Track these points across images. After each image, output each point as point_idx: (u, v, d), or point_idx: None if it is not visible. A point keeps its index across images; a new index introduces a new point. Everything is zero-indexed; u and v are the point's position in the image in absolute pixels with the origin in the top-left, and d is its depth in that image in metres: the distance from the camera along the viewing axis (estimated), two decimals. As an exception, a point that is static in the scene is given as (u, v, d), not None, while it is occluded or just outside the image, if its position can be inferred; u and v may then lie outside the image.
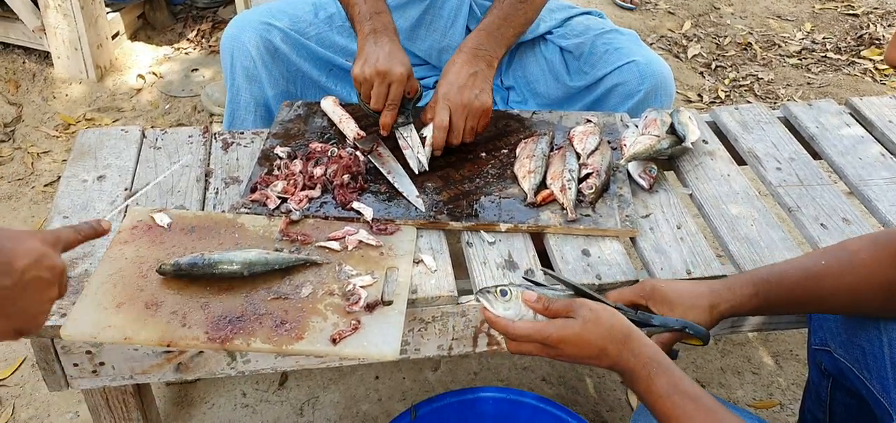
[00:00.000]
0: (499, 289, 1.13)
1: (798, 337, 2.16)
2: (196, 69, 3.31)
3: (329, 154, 1.57)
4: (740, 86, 3.42)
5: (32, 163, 2.79)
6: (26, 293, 0.82)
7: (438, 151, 1.61)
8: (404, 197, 1.51)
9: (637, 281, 1.32)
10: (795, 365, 2.10)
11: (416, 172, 1.57)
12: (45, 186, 2.69)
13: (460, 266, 1.42)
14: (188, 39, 3.49)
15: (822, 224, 1.51)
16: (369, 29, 1.63)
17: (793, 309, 1.28)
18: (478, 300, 1.16)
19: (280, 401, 1.98)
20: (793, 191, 1.59)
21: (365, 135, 1.65)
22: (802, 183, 1.61)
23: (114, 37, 3.28)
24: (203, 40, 3.46)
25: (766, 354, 2.13)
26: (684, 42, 3.75)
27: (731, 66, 3.57)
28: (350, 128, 1.66)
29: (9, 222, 2.52)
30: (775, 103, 3.33)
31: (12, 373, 2.02)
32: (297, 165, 1.55)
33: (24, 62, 3.24)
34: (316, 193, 1.51)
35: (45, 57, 3.21)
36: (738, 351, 2.13)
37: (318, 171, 1.53)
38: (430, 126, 1.61)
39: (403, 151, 1.62)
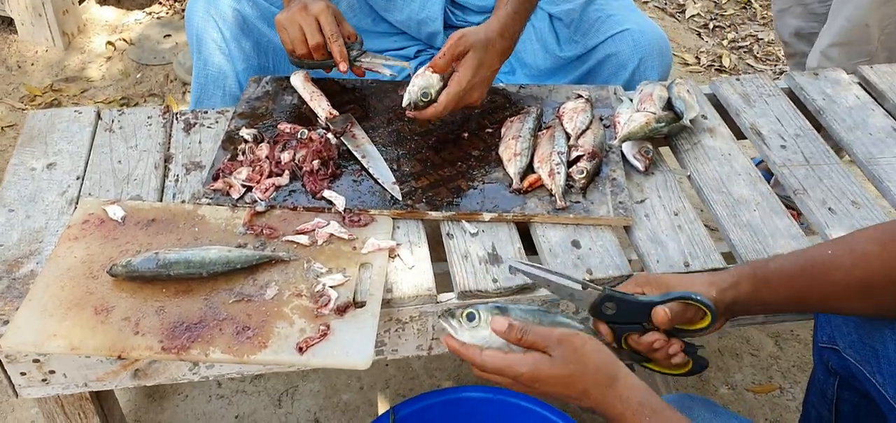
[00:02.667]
0: (465, 313, 1.00)
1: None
2: (169, 35, 3.16)
3: (298, 136, 1.45)
4: (739, 47, 3.29)
5: (-4, 138, 2.66)
6: None
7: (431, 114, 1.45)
8: (380, 183, 1.39)
9: (631, 276, 1.21)
10: (796, 346, 2.02)
11: (399, 78, 1.44)
12: (11, 162, 2.56)
13: (440, 244, 1.31)
14: (159, 3, 3.33)
15: (829, 208, 1.40)
16: None
17: (798, 304, 1.14)
18: (441, 324, 1.03)
19: (257, 392, 1.89)
20: (798, 171, 1.48)
21: (338, 114, 1.53)
22: (809, 162, 1.50)
23: (80, 1, 3.11)
24: (176, 3, 3.30)
25: (765, 335, 2.04)
26: (681, 1, 3.60)
27: (729, 27, 3.44)
28: (322, 106, 1.54)
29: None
30: (775, 65, 3.21)
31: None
32: (263, 150, 1.43)
33: (-14, 29, 3.09)
34: (283, 180, 1.39)
35: (8, 24, 3.06)
36: (736, 333, 2.04)
37: (286, 156, 1.41)
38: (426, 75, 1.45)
39: (376, 71, 1.53)
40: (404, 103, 1.45)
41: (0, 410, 1.83)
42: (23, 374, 1.19)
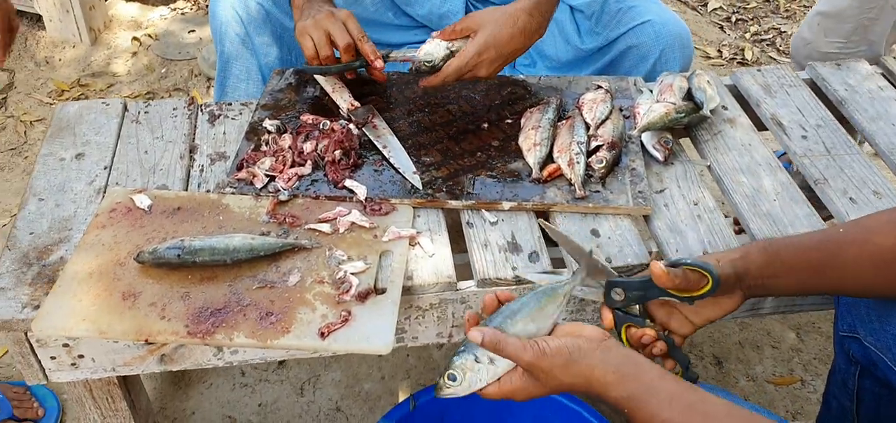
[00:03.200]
0: (447, 375, 1.00)
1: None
2: (193, 31, 3.20)
3: (321, 127, 1.47)
4: (762, 40, 3.27)
5: (25, 132, 2.71)
6: None
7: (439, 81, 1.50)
8: (401, 173, 1.41)
9: (648, 265, 1.22)
10: (818, 338, 2.00)
11: (441, 56, 1.48)
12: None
13: (461, 236, 1.33)
14: (185, -1, 3.38)
15: (850, 198, 1.39)
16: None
17: (812, 281, 1.13)
18: (443, 396, 1.03)
19: (280, 380, 1.91)
20: (819, 161, 1.48)
21: (359, 105, 1.54)
22: (830, 152, 1.50)
23: (107, -3, 3.17)
24: None
25: (786, 327, 2.03)
26: (703, -7, 3.59)
27: (752, 19, 3.41)
28: (343, 98, 1.56)
29: (1, 195, 2.45)
30: (798, 58, 3.18)
31: (3, 354, 1.96)
32: (286, 141, 1.45)
33: (16, 26, 3.14)
34: (306, 170, 1.41)
35: (37, 20, 3.11)
36: (757, 324, 2.03)
37: (309, 146, 1.43)
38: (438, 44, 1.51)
39: (413, 59, 1.53)
40: (409, 68, 1.51)
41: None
42: (53, 358, 1.22)
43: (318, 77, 1.62)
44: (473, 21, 1.49)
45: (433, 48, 1.49)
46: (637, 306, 1.12)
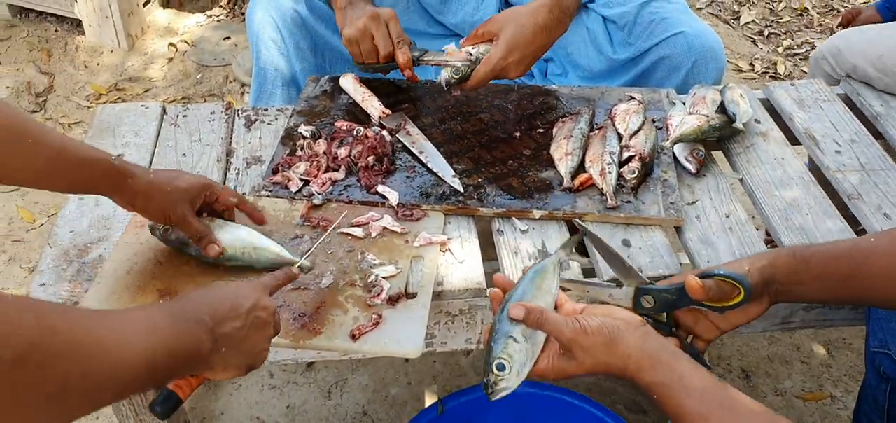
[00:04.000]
0: (495, 366, 0.99)
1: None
2: (228, 37, 3.25)
3: (355, 133, 1.49)
4: (795, 54, 3.25)
5: (64, 134, 2.77)
6: (253, 332, 0.94)
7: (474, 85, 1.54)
8: (439, 177, 1.42)
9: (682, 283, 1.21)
10: (848, 355, 1.98)
11: (459, 71, 1.52)
12: (77, 157, 2.67)
13: (491, 245, 1.34)
14: (220, 6, 3.44)
15: (885, 214, 1.38)
16: (345, 1, 1.59)
17: (840, 290, 1.11)
18: (497, 393, 1.00)
19: (307, 383, 1.93)
20: (853, 176, 1.47)
21: (390, 113, 1.56)
22: (864, 167, 1.49)
23: (145, 4, 3.23)
24: (235, 7, 3.40)
25: (816, 342, 2.01)
26: (736, 7, 3.57)
27: (785, 33, 3.39)
28: (374, 106, 1.58)
29: (40, 195, 2.50)
30: (831, 73, 3.15)
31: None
32: (321, 146, 1.48)
33: (56, 30, 3.21)
34: (340, 175, 1.43)
35: (76, 25, 3.18)
36: (787, 339, 2.02)
37: (343, 152, 1.46)
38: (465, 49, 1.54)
39: (443, 61, 1.55)
40: (437, 79, 1.54)
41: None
42: (90, 354, 1.25)
43: (347, 88, 1.64)
44: (495, 24, 1.52)
45: (458, 60, 1.51)
46: (664, 314, 1.12)
